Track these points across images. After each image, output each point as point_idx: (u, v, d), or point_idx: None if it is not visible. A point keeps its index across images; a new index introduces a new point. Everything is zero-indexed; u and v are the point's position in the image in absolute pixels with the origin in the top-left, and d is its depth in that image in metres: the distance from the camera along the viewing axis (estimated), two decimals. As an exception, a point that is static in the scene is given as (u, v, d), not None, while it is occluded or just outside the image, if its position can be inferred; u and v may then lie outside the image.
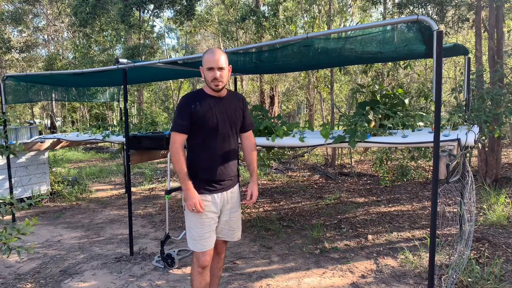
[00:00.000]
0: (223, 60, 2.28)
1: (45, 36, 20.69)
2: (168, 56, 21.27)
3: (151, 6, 12.32)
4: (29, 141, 6.13)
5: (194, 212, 2.31)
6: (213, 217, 2.39)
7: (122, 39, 14.18)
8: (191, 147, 2.40)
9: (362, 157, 10.50)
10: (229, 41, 13.76)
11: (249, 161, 2.56)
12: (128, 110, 3.86)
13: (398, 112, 3.42)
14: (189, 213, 2.37)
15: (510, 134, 11.60)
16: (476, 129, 3.20)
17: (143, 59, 12.22)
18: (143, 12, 12.97)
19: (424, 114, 3.42)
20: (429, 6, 6.42)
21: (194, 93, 2.39)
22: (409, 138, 2.88)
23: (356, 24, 12.39)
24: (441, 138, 2.65)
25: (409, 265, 3.45)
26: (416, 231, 4.40)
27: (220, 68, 2.27)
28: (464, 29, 8.90)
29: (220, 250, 2.59)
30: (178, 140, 2.29)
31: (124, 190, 7.34)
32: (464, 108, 3.89)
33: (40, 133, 13.93)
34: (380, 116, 3.28)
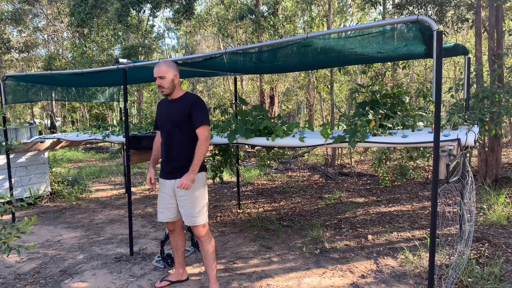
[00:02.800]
0: (163, 70, 2.85)
1: (45, 36, 20.69)
2: (168, 56, 21.26)
3: (148, 6, 12.31)
4: (29, 141, 6.13)
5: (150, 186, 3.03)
6: (165, 197, 3.00)
7: (120, 39, 14.18)
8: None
9: (362, 157, 10.51)
10: (226, 38, 13.76)
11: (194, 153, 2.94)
12: (128, 110, 3.86)
13: (398, 112, 3.42)
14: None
15: (510, 133, 11.61)
16: (476, 129, 3.20)
17: (140, 59, 12.23)
18: (141, 12, 12.96)
19: (424, 114, 3.42)
20: (429, 6, 6.42)
21: (163, 100, 3.10)
22: (409, 138, 2.87)
23: (356, 24, 12.39)
24: (441, 138, 2.65)
25: (409, 265, 3.45)
26: (416, 231, 4.40)
27: (161, 77, 2.85)
28: (463, 29, 8.90)
29: (196, 235, 2.99)
30: (157, 134, 3.14)
31: (124, 190, 7.34)
32: (464, 108, 3.89)
33: (40, 133, 13.94)
34: (380, 116, 3.28)
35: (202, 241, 2.94)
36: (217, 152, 5.20)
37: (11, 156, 5.43)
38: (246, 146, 10.24)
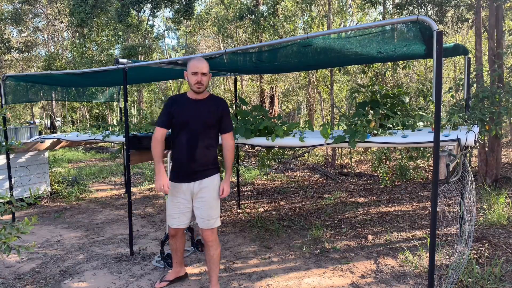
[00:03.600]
0: (205, 67, 2.75)
1: (45, 36, 20.69)
2: (168, 56, 21.27)
3: (148, 6, 12.32)
4: (29, 141, 6.13)
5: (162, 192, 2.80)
6: (181, 201, 2.86)
7: (120, 39, 14.18)
8: (172, 141, 2.89)
9: (362, 157, 10.51)
10: (226, 38, 13.76)
11: (225, 159, 2.92)
12: (128, 110, 3.86)
13: (398, 112, 3.42)
14: (170, 195, 2.91)
15: (510, 133, 11.60)
16: (476, 129, 3.20)
17: (140, 59, 12.23)
18: (141, 12, 12.96)
19: (424, 114, 3.42)
20: (429, 6, 6.42)
21: (177, 95, 2.89)
22: (409, 138, 2.87)
23: (356, 24, 12.39)
24: (441, 138, 2.65)
25: (409, 265, 3.45)
26: (416, 231, 4.40)
27: (203, 74, 2.73)
28: (463, 29, 8.90)
29: (204, 238, 2.89)
30: (158, 132, 2.83)
31: (124, 190, 7.34)
32: (464, 108, 3.89)
33: (40, 133, 13.95)
34: (380, 116, 3.27)
35: (210, 246, 2.88)
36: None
37: (11, 156, 5.42)
38: (246, 146, 10.25)
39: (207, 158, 2.80)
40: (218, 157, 3.06)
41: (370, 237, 4.26)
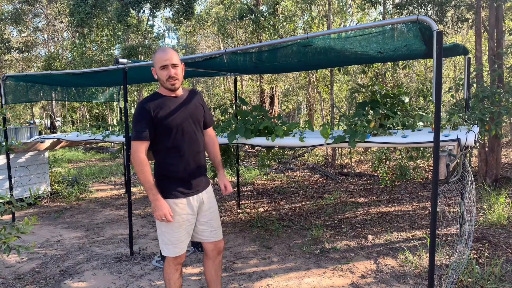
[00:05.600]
0: (175, 57, 2.27)
1: (45, 36, 20.69)
2: (168, 56, 21.18)
3: (148, 6, 12.32)
4: (29, 141, 6.13)
5: (164, 222, 2.26)
6: (189, 219, 2.36)
7: (120, 39, 14.18)
8: (158, 152, 2.33)
9: (362, 157, 10.50)
10: (226, 38, 13.76)
11: (213, 155, 2.60)
12: (128, 110, 3.86)
13: (398, 112, 3.42)
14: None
15: (510, 133, 11.60)
16: (476, 129, 3.20)
17: (140, 59, 12.23)
18: (140, 12, 12.97)
19: (424, 114, 3.42)
20: (429, 6, 6.42)
21: (149, 98, 2.32)
22: (409, 138, 2.87)
23: (356, 24, 12.40)
24: (441, 138, 2.65)
25: (409, 265, 3.45)
26: (416, 231, 4.40)
27: (174, 65, 2.26)
28: (463, 29, 8.90)
29: (210, 254, 2.51)
30: (139, 148, 2.21)
31: (124, 190, 7.34)
32: (464, 108, 3.89)
33: (40, 133, 13.93)
34: (380, 116, 3.28)
35: (218, 261, 2.56)
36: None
37: (11, 156, 5.42)
38: (246, 146, 10.25)
39: (204, 162, 2.47)
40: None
41: (370, 237, 4.26)
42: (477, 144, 3.90)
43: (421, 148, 6.14)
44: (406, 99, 3.61)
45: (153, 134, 2.25)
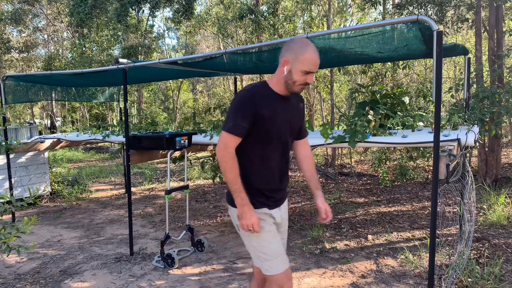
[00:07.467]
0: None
1: (45, 36, 20.70)
2: (168, 56, 21.28)
3: (147, 6, 12.34)
4: (29, 141, 6.13)
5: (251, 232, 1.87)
6: (279, 231, 2.04)
7: (120, 39, 14.20)
8: (244, 154, 1.91)
9: (362, 157, 10.51)
10: (226, 38, 13.77)
11: (310, 173, 2.11)
12: (128, 110, 3.86)
13: (398, 112, 3.43)
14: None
15: (510, 133, 11.61)
16: (476, 129, 3.21)
17: (140, 59, 12.24)
18: (140, 12, 12.98)
19: (424, 114, 3.42)
20: (429, 6, 6.43)
21: (258, 87, 1.89)
22: (409, 138, 2.88)
23: (356, 24, 12.39)
24: (441, 138, 2.65)
25: (409, 265, 3.45)
26: (416, 231, 4.40)
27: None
28: (463, 29, 8.91)
29: (260, 282, 2.11)
30: (232, 144, 1.83)
31: (124, 190, 7.34)
32: (464, 108, 3.89)
33: (40, 133, 13.95)
34: (380, 116, 3.28)
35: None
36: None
37: (11, 156, 5.43)
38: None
39: (289, 175, 2.11)
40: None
41: (370, 237, 4.26)
42: (477, 144, 3.90)
43: (421, 148, 6.14)
44: (406, 99, 3.61)
45: (249, 128, 1.83)
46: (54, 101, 18.59)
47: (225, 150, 1.81)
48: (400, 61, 7.16)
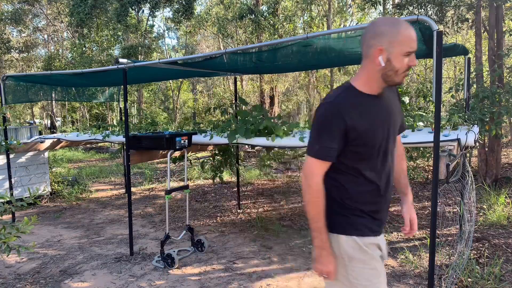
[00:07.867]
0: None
1: (45, 36, 20.70)
2: (168, 56, 21.28)
3: (147, 6, 12.35)
4: (29, 141, 6.13)
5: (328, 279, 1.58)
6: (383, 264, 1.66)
7: (120, 39, 14.20)
8: (338, 171, 1.59)
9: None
10: (226, 38, 13.78)
11: (400, 172, 1.82)
12: (128, 110, 3.86)
13: (398, 112, 3.42)
14: (358, 263, 1.56)
15: (510, 133, 11.61)
16: (476, 129, 3.20)
17: (140, 59, 12.24)
18: (140, 12, 12.99)
19: (424, 114, 3.43)
20: (429, 6, 6.43)
21: (343, 95, 1.53)
22: (409, 138, 2.87)
23: (356, 24, 12.39)
24: (441, 138, 2.65)
25: (409, 265, 3.45)
26: (416, 231, 4.40)
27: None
28: (463, 29, 8.90)
29: None
30: (320, 170, 1.54)
31: (124, 190, 7.34)
32: (464, 108, 3.89)
33: (40, 133, 13.95)
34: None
35: None
36: (217, 152, 5.20)
37: (11, 156, 5.43)
38: (246, 146, 10.25)
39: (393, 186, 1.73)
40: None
41: (370, 237, 4.25)
42: (477, 144, 3.90)
43: (421, 148, 6.13)
44: (406, 99, 3.61)
45: (341, 148, 1.52)
46: (54, 101, 18.59)
47: (311, 179, 1.53)
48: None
